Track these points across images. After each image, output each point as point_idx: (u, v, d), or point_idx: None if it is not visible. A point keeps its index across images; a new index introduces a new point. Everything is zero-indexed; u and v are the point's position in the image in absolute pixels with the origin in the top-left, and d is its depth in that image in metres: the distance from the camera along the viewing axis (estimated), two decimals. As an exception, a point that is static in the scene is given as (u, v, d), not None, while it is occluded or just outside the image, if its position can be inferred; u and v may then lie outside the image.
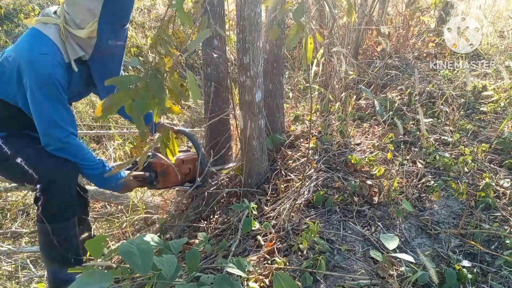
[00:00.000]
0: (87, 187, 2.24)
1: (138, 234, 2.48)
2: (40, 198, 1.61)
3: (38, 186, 1.60)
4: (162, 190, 2.46)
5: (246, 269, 1.08)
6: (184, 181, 2.03)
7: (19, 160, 1.62)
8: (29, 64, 1.51)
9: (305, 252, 1.45)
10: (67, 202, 1.65)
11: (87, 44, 1.60)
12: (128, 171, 1.88)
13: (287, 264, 1.41)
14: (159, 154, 1.97)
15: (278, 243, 1.55)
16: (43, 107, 1.55)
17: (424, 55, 3.75)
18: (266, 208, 1.83)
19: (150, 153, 2.07)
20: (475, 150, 2.11)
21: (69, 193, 1.66)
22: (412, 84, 2.99)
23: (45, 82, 1.52)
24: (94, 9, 1.51)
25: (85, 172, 1.72)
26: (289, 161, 2.16)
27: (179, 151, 2.10)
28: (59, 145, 1.62)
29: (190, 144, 2.57)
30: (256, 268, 1.40)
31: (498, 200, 1.74)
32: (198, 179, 1.94)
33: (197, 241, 1.70)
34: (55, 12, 1.61)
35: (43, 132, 1.60)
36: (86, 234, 1.87)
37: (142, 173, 1.91)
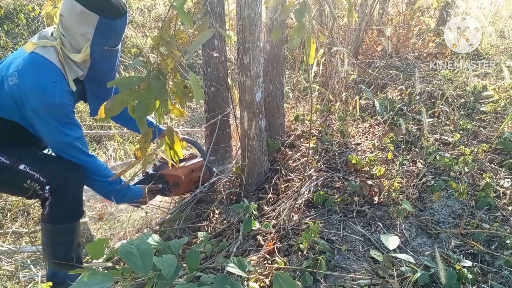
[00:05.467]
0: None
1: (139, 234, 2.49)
2: (49, 198, 1.62)
3: (47, 187, 1.61)
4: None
5: (247, 269, 1.08)
6: (194, 188, 2.13)
7: (22, 166, 1.62)
8: (39, 94, 1.52)
9: (305, 252, 1.45)
10: (76, 203, 1.68)
11: (83, 65, 1.64)
12: (143, 185, 1.99)
13: (287, 264, 1.41)
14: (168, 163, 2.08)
15: (278, 243, 1.55)
16: (54, 128, 1.59)
17: (425, 55, 3.76)
18: (266, 208, 1.83)
19: (158, 163, 2.16)
20: (476, 150, 2.11)
21: (78, 193, 1.68)
22: (412, 84, 2.99)
23: (55, 110, 1.56)
24: (86, 34, 1.53)
25: (101, 188, 1.80)
26: (290, 161, 2.16)
27: (186, 159, 2.22)
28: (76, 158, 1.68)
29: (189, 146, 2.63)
30: (256, 268, 1.40)
31: (499, 200, 1.74)
32: (203, 187, 2.06)
33: (197, 241, 1.70)
34: (51, 34, 1.64)
35: (57, 148, 1.67)
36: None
37: (156, 185, 2.05)
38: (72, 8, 1.50)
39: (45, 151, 1.91)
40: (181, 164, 2.14)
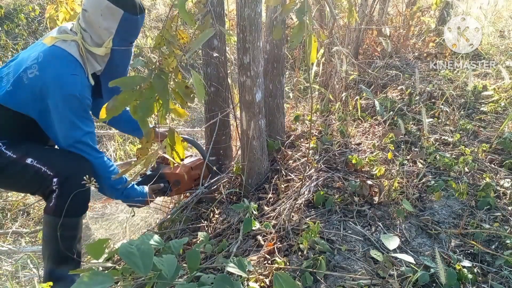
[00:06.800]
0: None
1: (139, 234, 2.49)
2: (56, 190, 1.62)
3: (54, 180, 1.61)
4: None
5: (247, 269, 1.08)
6: (194, 185, 2.15)
7: (29, 160, 1.63)
8: (60, 85, 1.56)
9: (305, 252, 1.45)
10: (83, 197, 1.67)
11: (102, 60, 1.69)
12: (146, 186, 2.01)
13: (287, 264, 1.41)
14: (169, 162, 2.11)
15: (278, 243, 1.55)
16: (68, 121, 1.61)
17: (425, 55, 3.76)
18: (266, 208, 1.83)
19: (156, 163, 2.18)
20: (476, 150, 2.11)
21: (86, 187, 1.68)
22: (412, 84, 2.99)
23: (74, 102, 1.59)
24: (110, 28, 1.61)
25: (107, 186, 1.79)
26: (290, 161, 2.16)
27: (184, 158, 2.21)
28: (86, 150, 1.69)
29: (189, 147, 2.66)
30: (256, 268, 1.40)
31: (499, 200, 1.74)
32: (203, 188, 2.07)
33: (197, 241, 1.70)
34: (70, 29, 1.68)
35: (68, 143, 1.66)
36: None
37: (158, 185, 2.06)
38: (98, 3, 1.57)
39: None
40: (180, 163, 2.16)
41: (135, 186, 1.94)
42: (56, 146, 1.93)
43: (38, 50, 1.62)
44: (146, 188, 1.98)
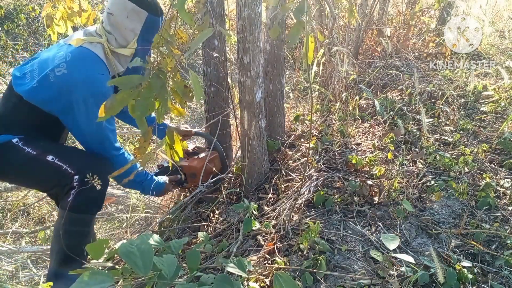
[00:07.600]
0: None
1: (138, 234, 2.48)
2: (75, 187, 1.63)
3: (76, 177, 1.63)
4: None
5: (247, 269, 1.08)
6: (209, 177, 2.17)
7: (50, 158, 1.64)
8: (89, 83, 1.61)
9: (305, 252, 1.45)
10: (101, 195, 1.71)
11: (125, 61, 1.76)
12: (163, 177, 2.05)
13: (288, 264, 1.41)
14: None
15: (278, 243, 1.55)
16: (96, 118, 1.63)
17: (425, 55, 3.76)
18: (267, 208, 1.83)
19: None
20: (476, 150, 2.11)
21: (106, 186, 1.71)
22: (412, 84, 2.99)
23: (102, 100, 1.61)
24: (135, 29, 1.70)
25: (132, 180, 1.80)
26: (290, 161, 2.16)
27: (196, 152, 2.27)
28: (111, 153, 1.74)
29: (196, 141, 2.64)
30: (256, 268, 1.40)
31: (499, 200, 1.74)
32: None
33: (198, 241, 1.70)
34: (95, 32, 1.74)
35: (92, 140, 1.71)
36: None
37: (176, 176, 2.12)
38: (123, 6, 1.65)
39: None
40: (195, 157, 2.19)
41: (154, 177, 1.98)
42: (63, 143, 1.95)
43: (64, 50, 1.67)
44: (163, 178, 2.03)
